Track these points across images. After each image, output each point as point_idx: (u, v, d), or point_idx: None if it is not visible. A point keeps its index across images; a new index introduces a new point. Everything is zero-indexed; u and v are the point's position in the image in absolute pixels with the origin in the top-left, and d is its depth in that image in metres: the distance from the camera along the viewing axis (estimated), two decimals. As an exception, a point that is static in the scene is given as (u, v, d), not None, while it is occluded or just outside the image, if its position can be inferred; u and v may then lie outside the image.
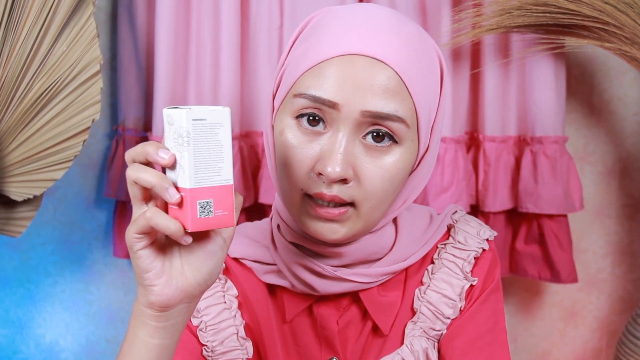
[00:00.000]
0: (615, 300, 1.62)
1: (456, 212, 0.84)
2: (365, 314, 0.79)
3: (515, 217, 1.47)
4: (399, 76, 0.68)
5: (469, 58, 1.42)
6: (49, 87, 1.21)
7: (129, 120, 1.46)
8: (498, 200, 1.43)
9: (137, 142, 1.44)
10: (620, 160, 1.57)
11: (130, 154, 0.60)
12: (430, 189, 1.41)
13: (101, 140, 1.54)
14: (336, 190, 0.68)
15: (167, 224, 0.57)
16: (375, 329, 0.79)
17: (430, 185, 1.41)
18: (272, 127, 0.75)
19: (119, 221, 1.49)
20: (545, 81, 1.39)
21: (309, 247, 0.76)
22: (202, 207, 0.60)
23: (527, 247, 1.45)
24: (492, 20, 1.31)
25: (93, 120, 1.25)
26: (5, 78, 1.18)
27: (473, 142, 1.48)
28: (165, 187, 0.58)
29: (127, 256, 1.49)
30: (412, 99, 0.69)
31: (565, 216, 1.42)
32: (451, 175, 1.40)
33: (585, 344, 1.64)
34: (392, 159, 0.69)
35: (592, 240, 1.60)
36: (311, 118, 0.69)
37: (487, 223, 1.45)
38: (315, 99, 0.68)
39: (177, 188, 0.60)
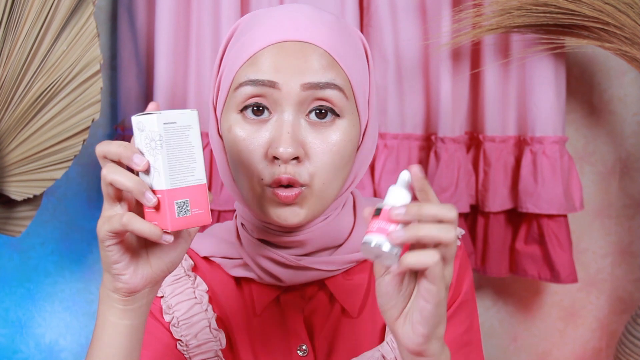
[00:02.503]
0: (615, 300, 1.62)
1: None
2: (332, 299, 0.82)
3: (515, 217, 1.47)
4: (329, 54, 0.73)
5: (469, 58, 1.42)
6: (48, 86, 1.21)
7: (129, 120, 1.46)
8: (498, 200, 1.43)
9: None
10: (620, 160, 1.57)
11: (102, 150, 0.62)
12: (430, 189, 1.41)
13: (101, 139, 1.53)
14: (292, 171, 0.71)
15: (144, 228, 0.61)
16: (344, 313, 0.82)
17: (430, 185, 1.41)
18: (220, 135, 0.78)
19: (118, 221, 1.49)
20: (545, 81, 1.39)
21: (271, 239, 0.79)
22: (179, 207, 0.62)
23: (527, 247, 1.45)
24: (492, 20, 1.31)
25: (93, 120, 1.25)
26: (5, 78, 1.18)
27: (473, 142, 1.47)
28: (142, 192, 0.61)
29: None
30: (344, 73, 0.74)
31: (565, 216, 1.42)
32: (451, 175, 1.40)
33: (585, 344, 1.64)
34: (337, 132, 0.73)
35: (592, 240, 1.60)
36: (255, 108, 0.73)
37: (487, 223, 1.45)
38: (255, 82, 0.72)
39: (152, 191, 0.62)
